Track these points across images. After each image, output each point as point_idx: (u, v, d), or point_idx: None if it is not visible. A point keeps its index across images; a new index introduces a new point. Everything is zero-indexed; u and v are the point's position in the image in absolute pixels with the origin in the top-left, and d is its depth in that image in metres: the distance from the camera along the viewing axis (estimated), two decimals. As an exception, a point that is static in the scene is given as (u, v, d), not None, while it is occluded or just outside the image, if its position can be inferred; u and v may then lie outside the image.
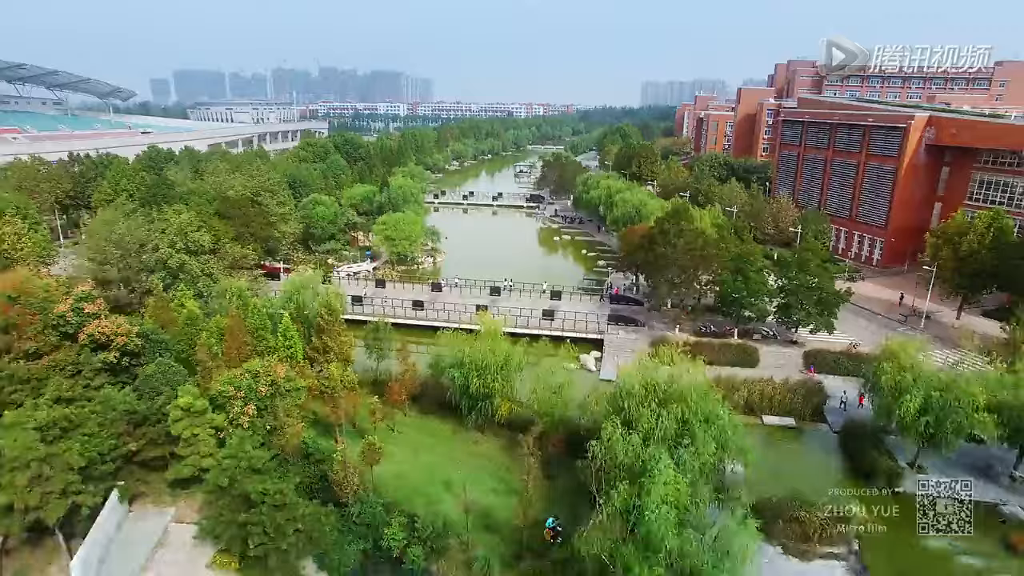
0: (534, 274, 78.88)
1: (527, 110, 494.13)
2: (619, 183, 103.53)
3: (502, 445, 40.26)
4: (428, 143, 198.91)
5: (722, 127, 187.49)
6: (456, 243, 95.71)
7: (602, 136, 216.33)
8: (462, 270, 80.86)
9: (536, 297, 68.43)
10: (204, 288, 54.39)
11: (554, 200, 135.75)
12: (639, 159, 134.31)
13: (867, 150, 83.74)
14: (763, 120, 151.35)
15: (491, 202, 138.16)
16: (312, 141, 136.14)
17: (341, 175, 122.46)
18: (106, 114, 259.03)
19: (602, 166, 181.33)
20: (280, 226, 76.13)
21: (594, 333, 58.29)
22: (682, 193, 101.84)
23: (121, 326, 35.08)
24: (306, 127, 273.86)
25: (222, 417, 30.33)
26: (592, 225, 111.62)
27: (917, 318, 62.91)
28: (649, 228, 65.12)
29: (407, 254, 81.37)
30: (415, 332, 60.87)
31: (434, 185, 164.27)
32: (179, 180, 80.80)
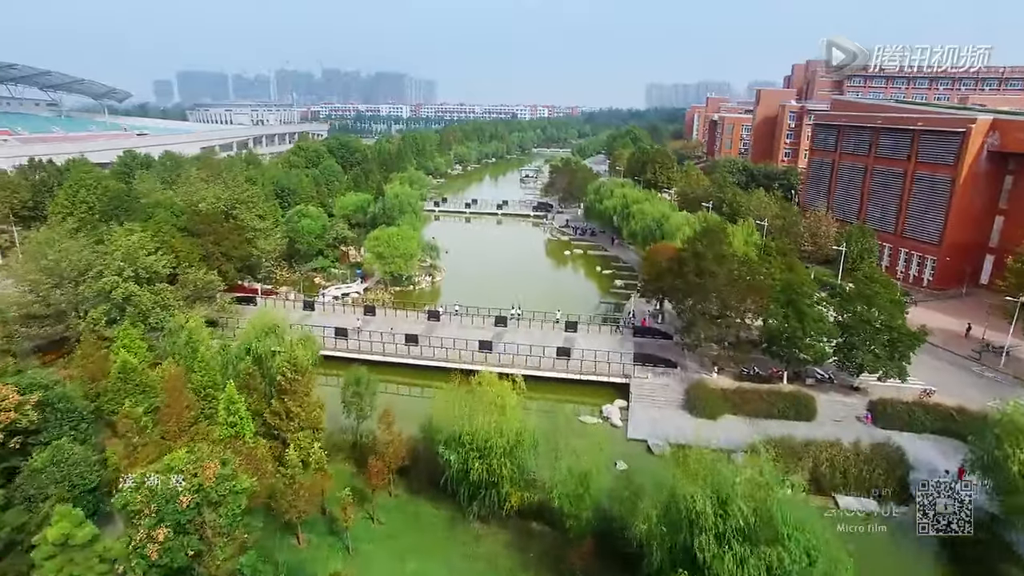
0: (544, 296, 70.23)
1: (531, 112, 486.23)
2: (636, 192, 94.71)
3: (509, 540, 31.49)
4: (429, 146, 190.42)
5: (738, 130, 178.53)
6: (457, 258, 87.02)
7: (611, 140, 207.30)
8: (464, 292, 72.18)
9: (548, 329, 59.52)
10: (159, 322, 45.80)
11: (563, 209, 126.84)
12: (654, 165, 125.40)
13: (916, 157, 74.71)
14: (785, 123, 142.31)
15: (496, 211, 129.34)
16: (304, 145, 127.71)
17: (335, 182, 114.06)
18: (101, 115, 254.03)
19: (612, 171, 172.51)
20: (259, 243, 67.54)
21: (618, 376, 49.41)
22: (704, 203, 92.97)
23: (8, 396, 26.46)
24: (305, 129, 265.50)
25: (122, 544, 21.63)
26: (605, 237, 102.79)
27: (993, 355, 53.86)
28: (678, 249, 56.28)
29: (402, 273, 72.65)
30: (407, 373, 52.11)
31: (435, 191, 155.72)
32: (145, 190, 72.29)
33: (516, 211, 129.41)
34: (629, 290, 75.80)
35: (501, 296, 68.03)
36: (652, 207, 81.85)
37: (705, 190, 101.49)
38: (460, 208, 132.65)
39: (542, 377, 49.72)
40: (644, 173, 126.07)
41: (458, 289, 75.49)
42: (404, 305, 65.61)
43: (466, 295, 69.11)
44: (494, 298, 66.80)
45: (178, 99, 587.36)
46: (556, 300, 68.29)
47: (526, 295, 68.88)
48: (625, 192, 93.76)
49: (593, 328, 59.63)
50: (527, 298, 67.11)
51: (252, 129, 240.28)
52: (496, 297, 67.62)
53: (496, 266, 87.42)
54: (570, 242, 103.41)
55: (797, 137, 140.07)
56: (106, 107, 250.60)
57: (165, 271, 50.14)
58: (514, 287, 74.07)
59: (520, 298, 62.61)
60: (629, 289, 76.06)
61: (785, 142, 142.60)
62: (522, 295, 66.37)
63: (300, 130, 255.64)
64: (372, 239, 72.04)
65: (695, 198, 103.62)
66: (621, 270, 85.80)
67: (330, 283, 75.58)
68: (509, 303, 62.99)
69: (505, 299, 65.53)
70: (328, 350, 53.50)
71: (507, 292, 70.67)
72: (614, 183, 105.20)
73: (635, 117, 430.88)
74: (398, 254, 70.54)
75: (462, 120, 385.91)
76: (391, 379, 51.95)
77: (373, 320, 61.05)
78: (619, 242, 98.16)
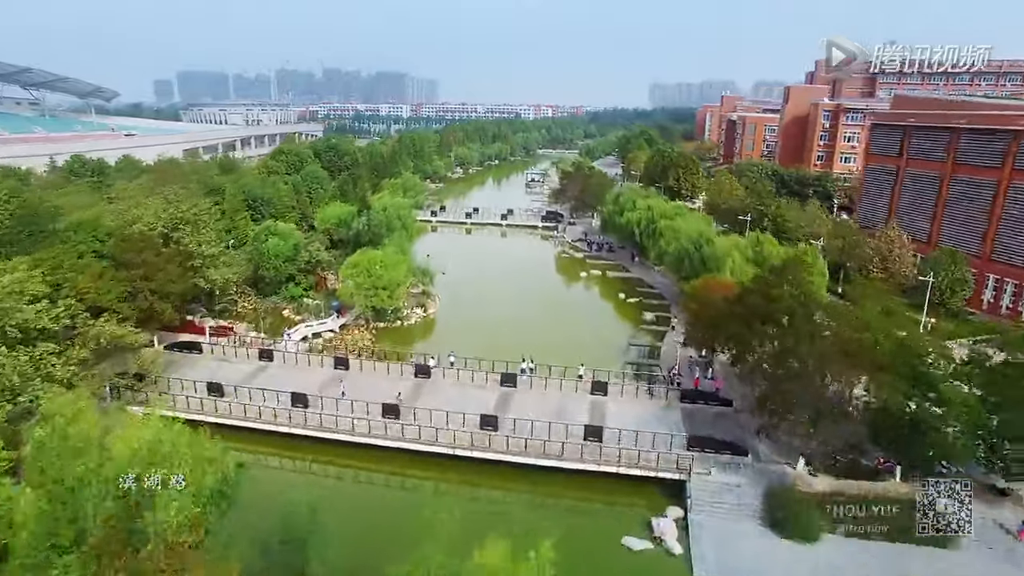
0: (560, 335, 57.33)
1: (535, 111, 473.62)
2: (663, 203, 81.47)
3: None
4: (428, 148, 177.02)
5: (760, 131, 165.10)
6: (455, 281, 73.87)
7: (624, 141, 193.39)
8: (462, 330, 59.33)
9: (569, 390, 46.27)
10: (35, 400, 32.74)
11: (576, 219, 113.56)
12: (677, 169, 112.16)
13: (1013, 164, 61.42)
14: (818, 123, 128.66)
15: (500, 221, 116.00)
16: (287, 148, 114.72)
17: (319, 189, 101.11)
18: (88, 115, 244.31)
19: (627, 176, 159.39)
20: (208, 272, 54.54)
21: (670, 471, 36.16)
22: (741, 215, 79.85)
23: None
24: (299, 130, 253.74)
25: None
26: (625, 254, 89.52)
27: None
28: (739, 292, 43.07)
29: (387, 307, 59.58)
30: (383, 458, 38.98)
31: (434, 197, 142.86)
32: (75, 205, 59.26)
33: (522, 221, 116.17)
34: (661, 325, 62.65)
35: (506, 335, 55.25)
36: (686, 224, 68.60)
37: (741, 201, 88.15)
38: (460, 218, 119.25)
39: (565, 470, 36.69)
40: (665, 179, 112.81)
41: (455, 325, 62.42)
42: (387, 354, 52.32)
43: (464, 335, 56.20)
44: (497, 337, 54.15)
45: (178, 99, 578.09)
46: (575, 340, 55.39)
47: (538, 334, 56.02)
48: (651, 204, 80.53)
49: (627, 388, 46.37)
50: (539, 336, 54.35)
51: (240, 130, 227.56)
52: (500, 336, 54.93)
53: (501, 291, 74.16)
54: (585, 260, 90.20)
55: (832, 139, 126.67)
56: (93, 107, 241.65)
57: (58, 324, 37.10)
58: (523, 322, 61.19)
59: (531, 352, 49.23)
60: (661, 324, 62.90)
61: (819, 144, 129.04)
62: (534, 339, 53.40)
63: (294, 131, 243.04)
64: (350, 266, 58.86)
65: (727, 210, 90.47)
66: (648, 297, 72.51)
67: (302, 317, 62.52)
68: (515, 346, 49.82)
69: (511, 340, 52.59)
70: (283, 426, 40.64)
71: (514, 329, 57.87)
72: (635, 192, 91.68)
73: (641, 117, 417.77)
74: (381, 284, 57.39)
75: (464, 120, 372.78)
76: (364, 466, 39.12)
77: (347, 375, 47.89)
78: (641, 260, 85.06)
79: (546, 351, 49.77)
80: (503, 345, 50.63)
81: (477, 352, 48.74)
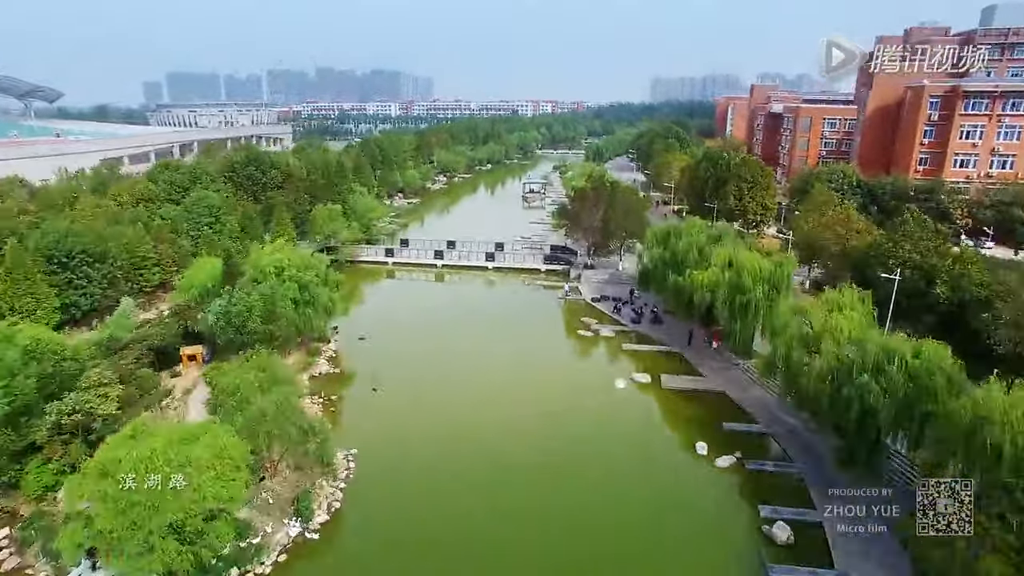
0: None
1: (533, 108, 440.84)
2: (756, 259, 46.25)
3: None
4: (402, 154, 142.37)
5: (817, 126, 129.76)
6: (393, 407, 39.60)
7: (648, 142, 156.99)
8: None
9: None
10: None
11: (594, 260, 78.82)
12: (741, 184, 77.45)
13: None
14: (922, 114, 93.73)
15: (485, 261, 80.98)
16: (170, 163, 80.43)
17: (212, 226, 67.20)
18: (27, 119, 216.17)
19: (653, 185, 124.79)
20: None
21: None
22: (882, 271, 45.67)
23: None
24: (272, 132, 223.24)
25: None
26: (678, 331, 54.91)
27: None
28: None
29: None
30: None
31: (399, 221, 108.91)
32: None
33: (517, 262, 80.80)
34: (809, 554, 28.15)
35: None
36: (845, 322, 33.69)
37: (874, 245, 52.94)
38: (428, 258, 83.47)
39: None
40: (723, 197, 78.11)
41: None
42: None
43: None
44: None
45: (167, 100, 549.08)
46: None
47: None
48: (740, 259, 45.72)
49: None
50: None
51: (184, 133, 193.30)
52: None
53: (471, 445, 39.58)
54: (620, 344, 55.25)
55: (943, 136, 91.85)
56: (33, 109, 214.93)
57: None
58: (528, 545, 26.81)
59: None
60: (809, 551, 28.40)
61: (922, 143, 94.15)
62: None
63: (260, 133, 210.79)
64: (95, 474, 24.40)
65: (841, 255, 56.26)
66: (752, 450, 37.99)
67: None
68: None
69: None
70: None
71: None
72: (700, 232, 55.62)
73: (648, 111, 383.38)
74: (175, 520, 23.07)
75: (457, 118, 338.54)
76: None
77: None
78: (716, 347, 50.92)
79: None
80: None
81: None
